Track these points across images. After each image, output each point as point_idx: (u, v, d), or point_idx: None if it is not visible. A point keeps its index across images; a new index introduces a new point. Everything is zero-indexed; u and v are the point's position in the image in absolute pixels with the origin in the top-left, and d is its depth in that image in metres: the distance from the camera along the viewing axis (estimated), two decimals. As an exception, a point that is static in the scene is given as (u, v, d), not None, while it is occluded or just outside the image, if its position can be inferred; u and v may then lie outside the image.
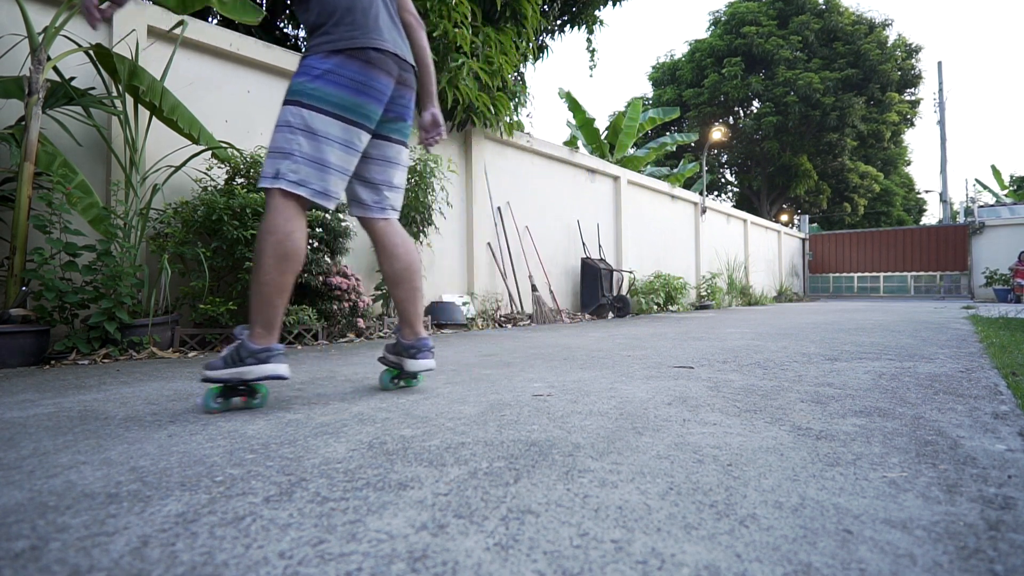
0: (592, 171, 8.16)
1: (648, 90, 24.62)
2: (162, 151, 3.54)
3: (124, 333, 2.98)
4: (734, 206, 25.19)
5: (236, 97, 4.07)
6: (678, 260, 10.63)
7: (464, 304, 5.51)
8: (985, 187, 22.41)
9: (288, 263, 1.61)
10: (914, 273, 17.55)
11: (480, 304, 5.86)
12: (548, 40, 7.84)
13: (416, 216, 4.69)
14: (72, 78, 3.07)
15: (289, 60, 4.33)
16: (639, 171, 11.37)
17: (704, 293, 11.02)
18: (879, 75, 19.66)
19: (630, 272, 8.32)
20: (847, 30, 20.29)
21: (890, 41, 20.64)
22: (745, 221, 13.83)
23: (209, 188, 3.51)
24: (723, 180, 25.82)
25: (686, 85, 21.97)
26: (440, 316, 4.95)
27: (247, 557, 0.73)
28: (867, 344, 3.42)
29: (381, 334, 4.27)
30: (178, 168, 3.48)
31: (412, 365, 1.90)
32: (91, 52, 3.11)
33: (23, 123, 2.84)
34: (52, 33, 2.88)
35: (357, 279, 4.00)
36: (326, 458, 1.16)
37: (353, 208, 1.92)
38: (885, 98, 20.20)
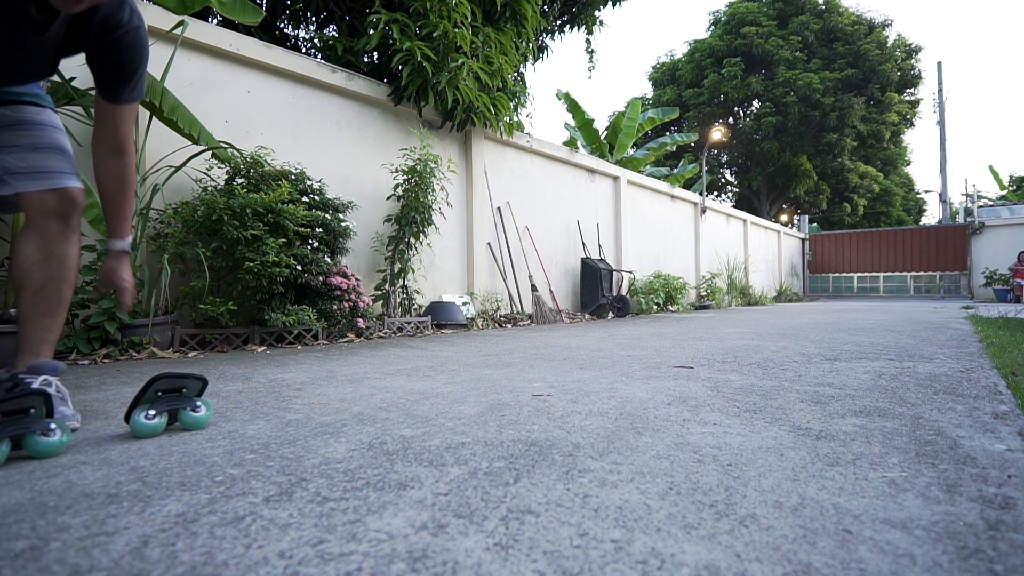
0: (592, 171, 8.16)
1: (648, 90, 24.61)
2: (162, 151, 3.54)
3: (124, 333, 2.98)
4: (734, 206, 25.19)
5: (236, 97, 4.07)
6: (678, 260, 10.63)
7: (464, 304, 5.51)
8: (980, 197, 22.34)
9: None
10: (914, 273, 17.55)
11: (480, 304, 5.86)
12: (548, 40, 7.84)
13: (416, 216, 4.69)
14: (72, 78, 3.06)
15: (289, 60, 4.33)
16: (639, 171, 11.37)
17: (704, 293, 11.02)
18: (879, 75, 19.65)
19: (630, 272, 8.32)
20: (847, 30, 20.28)
21: (890, 41, 20.63)
22: (745, 221, 13.83)
23: (209, 188, 3.51)
24: (723, 180, 25.81)
25: (686, 85, 21.96)
26: (440, 316, 4.96)
27: (247, 557, 0.73)
28: (867, 344, 3.42)
29: (381, 334, 4.27)
30: (178, 168, 3.48)
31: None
32: (91, 52, 3.10)
33: (23, 123, 2.83)
34: (52, 33, 2.87)
35: (357, 279, 4.00)
36: (326, 458, 1.16)
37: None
38: (885, 98, 20.19)
